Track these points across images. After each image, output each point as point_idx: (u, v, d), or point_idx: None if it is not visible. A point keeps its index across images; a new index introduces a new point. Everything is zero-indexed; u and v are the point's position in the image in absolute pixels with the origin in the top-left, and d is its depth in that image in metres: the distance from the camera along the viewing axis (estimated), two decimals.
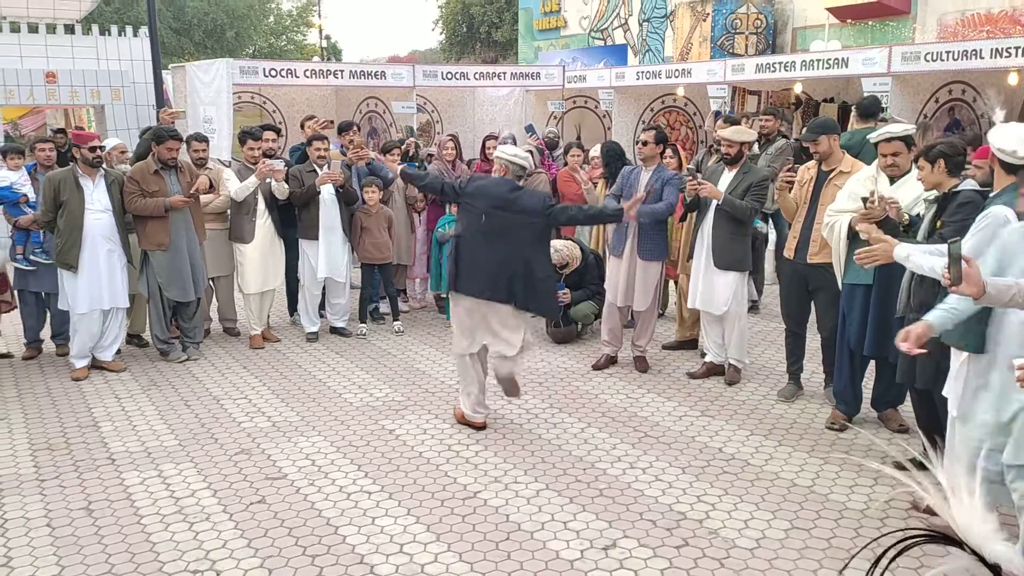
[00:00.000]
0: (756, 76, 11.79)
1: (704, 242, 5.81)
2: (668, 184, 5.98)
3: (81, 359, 6.16)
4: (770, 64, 11.72)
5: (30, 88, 12.44)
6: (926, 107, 10.47)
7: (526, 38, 28.05)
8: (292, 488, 4.32)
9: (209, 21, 32.59)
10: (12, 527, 3.93)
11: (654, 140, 6.05)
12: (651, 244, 6.05)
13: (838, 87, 12.76)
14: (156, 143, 6.32)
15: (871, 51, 10.47)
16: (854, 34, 17.42)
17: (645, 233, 6.02)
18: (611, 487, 4.32)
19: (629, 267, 6.11)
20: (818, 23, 17.89)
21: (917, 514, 3.94)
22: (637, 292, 6.13)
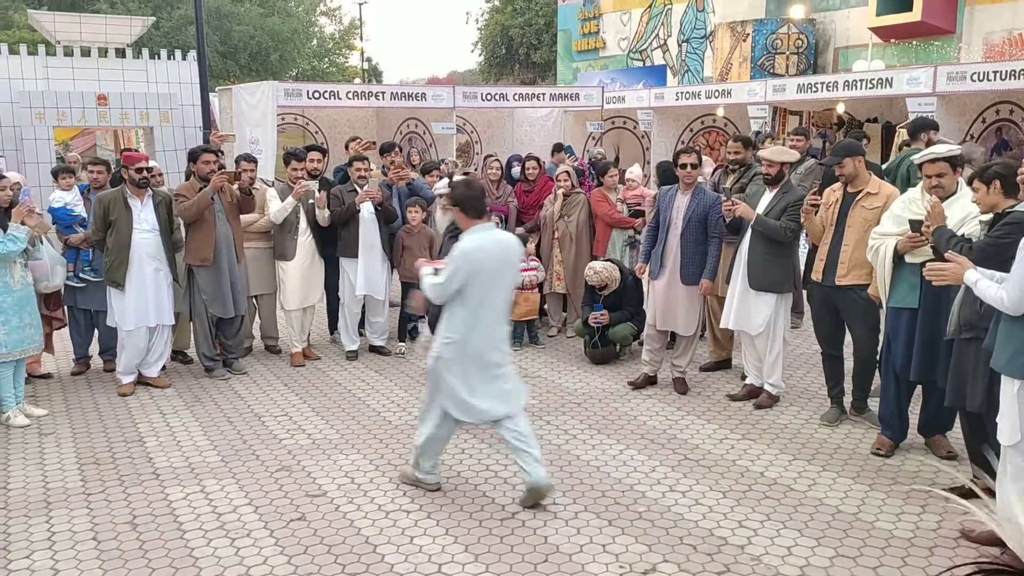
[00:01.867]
0: (797, 96, 11.72)
1: (741, 263, 5.76)
2: (712, 210, 5.89)
3: (128, 375, 6.29)
4: (812, 84, 11.64)
5: (82, 110, 12.85)
6: (972, 127, 10.30)
7: (565, 59, 28.21)
8: (332, 506, 4.35)
9: (254, 44, 33.32)
10: (59, 540, 4.01)
11: (699, 162, 6.03)
12: (694, 267, 6.01)
13: (882, 107, 12.62)
14: (191, 161, 6.59)
15: (916, 71, 10.35)
16: (898, 54, 17.23)
17: (688, 257, 5.99)
18: (650, 510, 4.28)
19: (670, 291, 6.07)
20: (861, 43, 17.74)
21: (967, 543, 3.84)
22: (680, 316, 6.08)
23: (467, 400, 4.24)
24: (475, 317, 4.16)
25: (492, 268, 4.14)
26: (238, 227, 6.71)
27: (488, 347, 4.23)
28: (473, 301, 4.13)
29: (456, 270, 4.10)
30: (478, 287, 4.12)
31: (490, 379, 4.27)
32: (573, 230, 7.67)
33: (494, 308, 4.21)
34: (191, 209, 6.32)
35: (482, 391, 4.26)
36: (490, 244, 4.16)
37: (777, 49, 19.03)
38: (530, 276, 7.33)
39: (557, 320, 8.07)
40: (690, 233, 5.97)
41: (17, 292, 5.56)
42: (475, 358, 4.22)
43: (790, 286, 5.68)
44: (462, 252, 4.10)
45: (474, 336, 4.18)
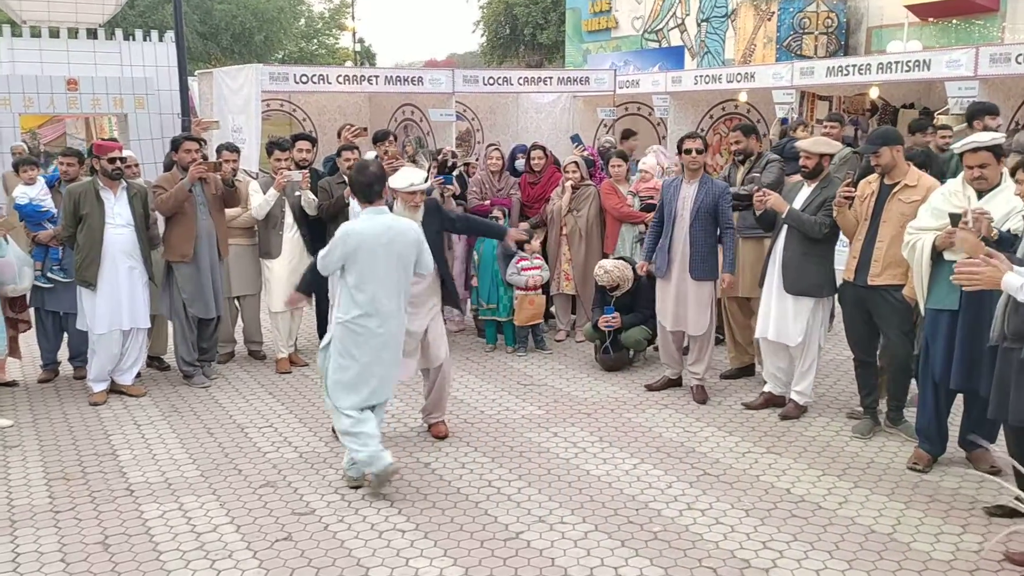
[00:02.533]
0: (827, 80, 11.70)
1: (775, 265, 5.75)
2: (722, 199, 5.98)
3: (99, 383, 6.30)
4: (843, 67, 11.62)
5: (51, 96, 12.88)
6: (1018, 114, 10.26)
7: (574, 40, 28.21)
8: (320, 524, 4.36)
9: (237, 24, 33.39)
10: (25, 561, 4.01)
11: (704, 147, 6.06)
12: (704, 263, 6.03)
13: (919, 92, 12.59)
14: (173, 150, 6.65)
15: (956, 52, 10.32)
16: (936, 34, 17.20)
17: (697, 251, 6.01)
18: (667, 530, 4.27)
19: (679, 288, 6.10)
20: (896, 22, 17.70)
21: (1012, 566, 3.83)
22: (691, 315, 6.11)
23: (354, 381, 4.65)
24: (355, 298, 4.60)
25: (370, 250, 4.57)
26: (222, 221, 6.73)
27: (375, 328, 4.63)
28: (351, 281, 4.61)
29: (332, 247, 4.64)
30: (356, 269, 4.59)
31: (379, 361, 4.68)
32: (583, 225, 7.67)
33: (379, 290, 4.61)
34: (168, 202, 6.34)
35: (370, 372, 4.67)
36: (374, 228, 4.60)
37: (805, 29, 19.00)
38: (534, 276, 7.32)
39: (565, 323, 8.06)
40: (699, 225, 5.99)
41: None
42: (362, 338, 4.62)
43: (830, 289, 5.64)
44: (341, 232, 4.63)
45: (359, 316, 4.61)
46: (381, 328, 4.67)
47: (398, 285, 4.72)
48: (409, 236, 4.73)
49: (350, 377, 4.68)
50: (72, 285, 6.38)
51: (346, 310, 4.65)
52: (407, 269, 4.76)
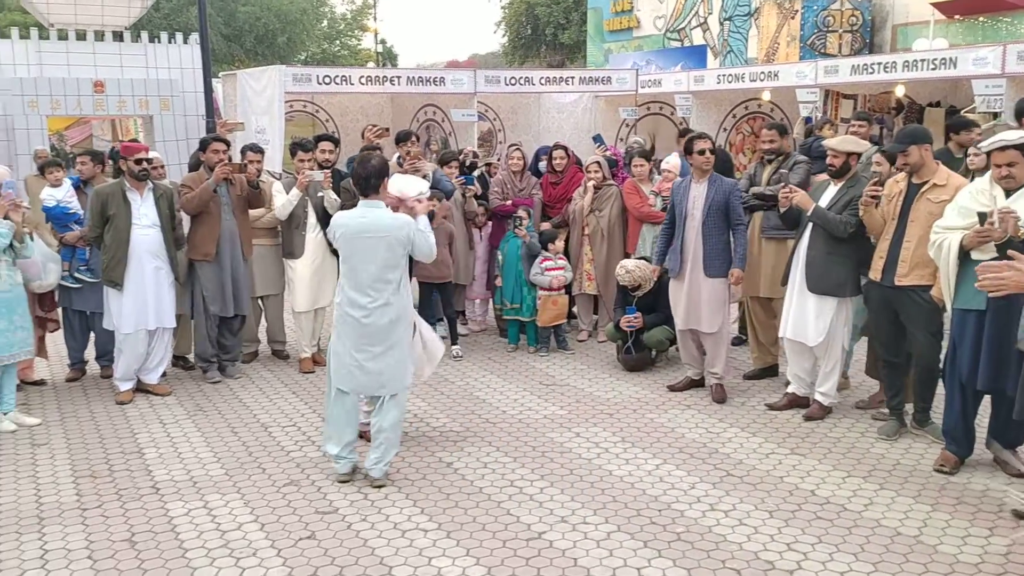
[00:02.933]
0: (852, 78, 11.61)
1: (799, 264, 5.71)
2: (732, 196, 6.02)
3: (126, 382, 6.37)
4: (868, 65, 11.53)
5: (77, 98, 13.03)
6: None
7: (595, 40, 28.17)
8: (344, 523, 4.38)
9: (260, 26, 33.62)
10: (53, 558, 4.06)
11: (711, 149, 6.07)
12: (717, 260, 6.04)
13: (945, 90, 12.47)
14: (201, 151, 6.74)
15: (983, 50, 10.21)
16: (963, 31, 17.03)
17: (710, 249, 6.03)
18: (690, 531, 4.26)
19: (692, 286, 6.11)
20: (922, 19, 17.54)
21: None
22: (704, 313, 6.11)
23: (348, 367, 4.79)
24: (343, 285, 4.79)
25: (356, 242, 4.72)
26: (246, 222, 6.79)
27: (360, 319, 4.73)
28: (342, 269, 4.81)
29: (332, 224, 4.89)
30: (345, 259, 4.78)
31: (365, 352, 4.77)
32: (605, 225, 7.65)
33: (363, 283, 4.73)
34: (193, 201, 6.41)
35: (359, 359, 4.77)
36: (362, 221, 4.74)
37: (829, 27, 18.87)
38: (558, 276, 7.32)
39: (587, 323, 8.06)
40: (711, 223, 6.01)
41: (4, 293, 5.64)
42: (348, 326, 4.77)
43: (853, 289, 5.60)
44: (331, 223, 4.91)
45: (345, 304, 4.77)
46: (367, 319, 4.73)
47: (385, 280, 4.72)
48: (400, 233, 4.73)
49: (337, 362, 4.84)
50: (99, 285, 6.46)
51: (338, 294, 4.88)
52: (396, 265, 4.75)
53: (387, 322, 4.76)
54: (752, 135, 14.07)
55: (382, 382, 4.81)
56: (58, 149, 16.96)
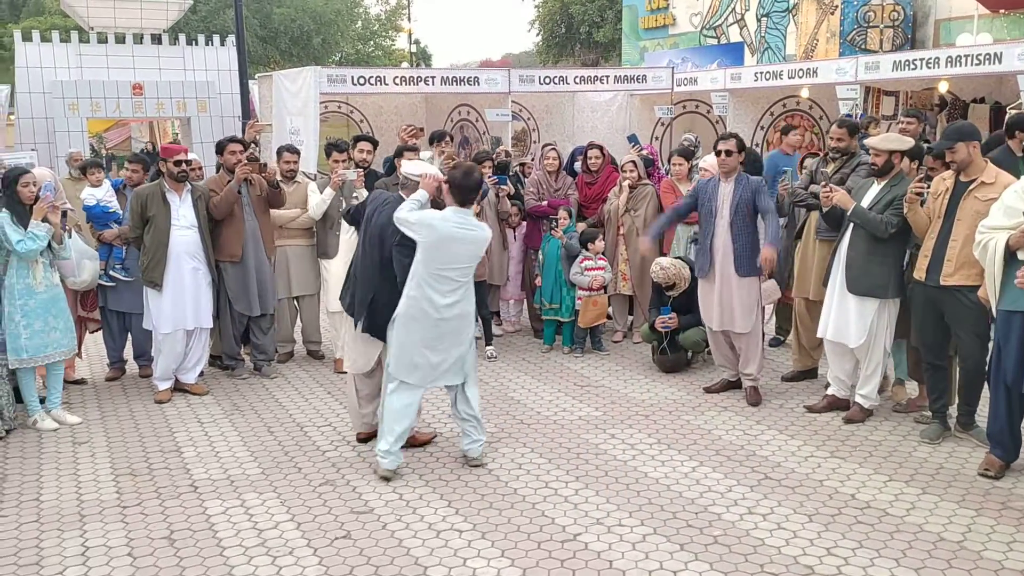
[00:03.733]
0: (893, 75, 11.45)
1: (839, 264, 5.65)
2: (758, 193, 5.98)
3: (164, 381, 6.47)
4: (910, 61, 11.36)
5: (116, 100, 13.27)
6: None
7: (630, 38, 28.06)
8: (379, 524, 4.41)
9: (296, 28, 33.97)
10: (94, 555, 4.14)
11: (736, 149, 6.04)
12: (748, 258, 6.00)
13: (990, 86, 12.26)
14: (219, 153, 6.84)
15: None
16: (1008, 26, 16.71)
17: (741, 248, 5.99)
18: (727, 534, 4.23)
19: (723, 285, 6.08)
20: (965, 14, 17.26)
21: None
22: (737, 312, 6.07)
23: (415, 362, 4.89)
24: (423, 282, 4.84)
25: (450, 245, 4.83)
26: (267, 222, 6.88)
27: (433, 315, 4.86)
28: (424, 269, 4.84)
29: (422, 220, 4.83)
30: (433, 257, 4.83)
31: (437, 346, 4.91)
32: (640, 225, 7.62)
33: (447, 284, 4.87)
34: (221, 205, 6.50)
35: (429, 355, 4.90)
36: (459, 226, 4.86)
37: (870, 22, 18.62)
38: (597, 277, 7.31)
39: (622, 324, 8.03)
40: (739, 223, 5.98)
41: (41, 294, 5.75)
42: (427, 321, 4.85)
43: (896, 291, 5.52)
44: (428, 221, 4.83)
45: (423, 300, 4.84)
46: (445, 317, 4.89)
47: (463, 282, 4.96)
48: (484, 242, 5.03)
49: (401, 354, 4.91)
50: (134, 285, 6.58)
51: (412, 288, 4.88)
52: (473, 268, 5.04)
53: (461, 319, 4.97)
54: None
55: (456, 372, 5.01)
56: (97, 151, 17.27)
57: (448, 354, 4.96)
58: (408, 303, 4.90)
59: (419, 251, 4.85)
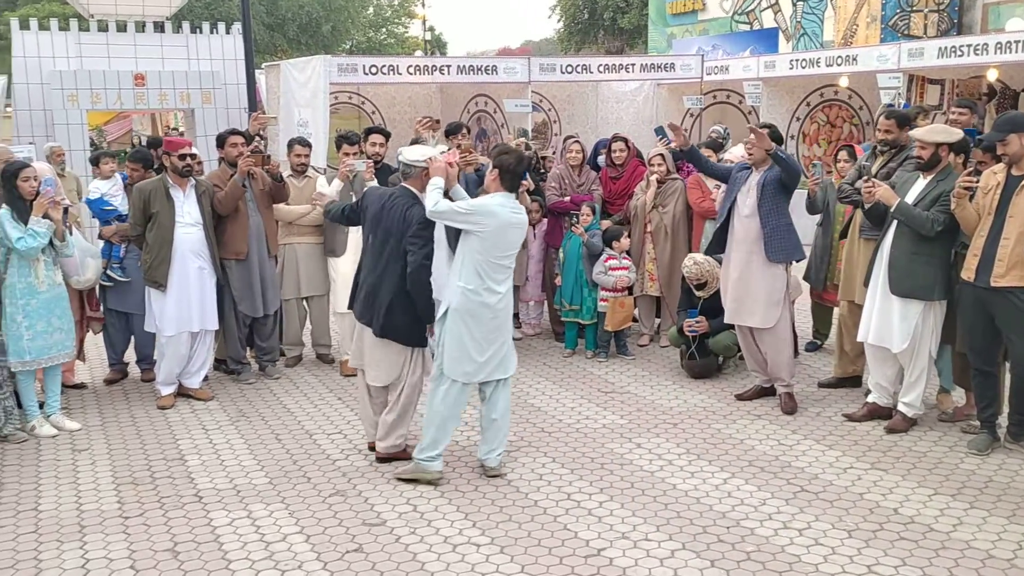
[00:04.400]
0: (938, 62, 11.35)
1: (882, 263, 5.61)
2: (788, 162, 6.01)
3: (167, 386, 6.52)
4: (956, 47, 11.25)
5: (118, 91, 13.35)
6: None
7: (657, 24, 28.00)
8: (392, 536, 4.43)
9: (304, 15, 34.14)
10: (94, 568, 4.18)
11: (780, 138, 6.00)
12: (780, 241, 5.95)
13: None
14: (219, 146, 6.90)
15: None
16: None
17: (771, 229, 5.94)
18: (760, 550, 4.22)
19: (747, 272, 6.05)
20: None
21: None
22: (759, 305, 6.03)
23: (471, 357, 4.94)
24: (482, 272, 4.90)
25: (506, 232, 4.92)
26: (270, 217, 6.94)
27: (494, 304, 4.95)
28: (482, 258, 4.90)
29: (479, 209, 4.88)
30: (492, 246, 4.89)
31: (491, 340, 4.99)
32: (668, 222, 7.61)
33: (506, 271, 5.01)
34: (226, 200, 6.54)
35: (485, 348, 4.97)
36: (514, 212, 4.97)
37: (913, 6, 18.47)
38: (622, 277, 7.30)
39: (649, 327, 8.02)
40: (767, 204, 5.94)
41: (43, 294, 5.82)
42: (486, 314, 4.93)
43: (942, 292, 5.48)
44: (485, 208, 4.91)
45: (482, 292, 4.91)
46: (500, 306, 5.00)
47: (513, 269, 5.12)
48: (526, 224, 5.18)
49: (458, 352, 4.96)
50: (134, 285, 6.65)
51: (465, 282, 4.93)
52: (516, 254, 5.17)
53: (508, 310, 5.11)
54: (828, 124, 13.84)
55: (504, 366, 5.09)
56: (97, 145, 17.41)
57: (500, 347, 5.05)
58: (463, 297, 4.92)
59: (474, 241, 4.89)
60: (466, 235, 4.95)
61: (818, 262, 7.12)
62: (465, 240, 4.95)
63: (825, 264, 7.05)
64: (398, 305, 5.09)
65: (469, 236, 4.92)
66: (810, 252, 7.22)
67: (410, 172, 5.19)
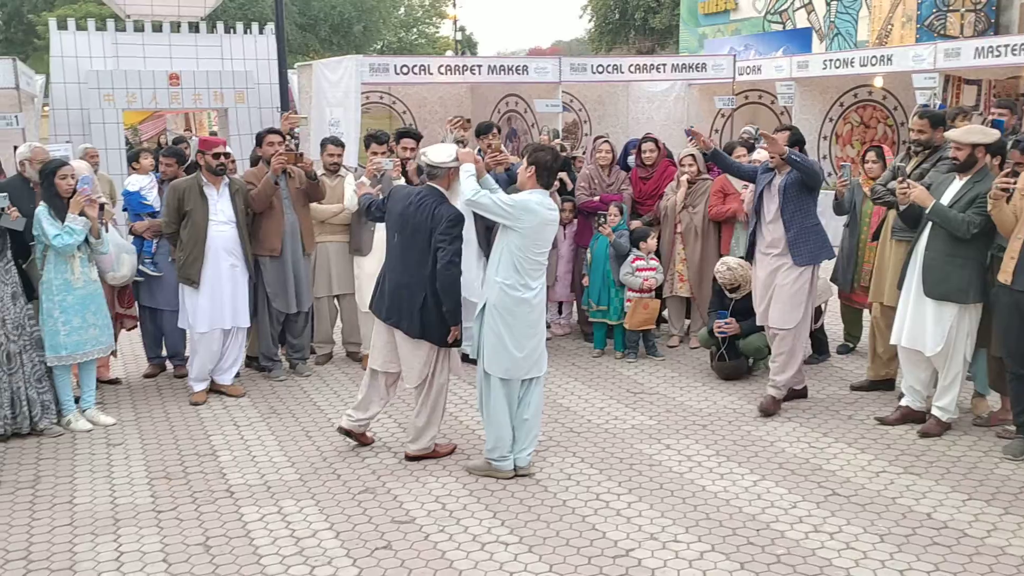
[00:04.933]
0: (975, 62, 11.21)
1: (916, 266, 5.55)
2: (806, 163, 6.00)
3: (200, 382, 6.60)
4: (994, 47, 11.11)
5: (153, 91, 13.51)
6: None
7: (689, 24, 27.88)
8: (420, 534, 4.45)
9: (336, 15, 34.35)
10: (128, 560, 4.24)
11: (787, 143, 6.00)
12: (804, 244, 5.91)
13: None
14: (257, 145, 7.00)
15: None
16: None
17: (796, 232, 5.90)
18: (791, 553, 4.19)
19: (770, 272, 6.04)
20: None
21: None
22: (780, 305, 6.00)
23: (511, 354, 4.95)
24: (522, 269, 4.93)
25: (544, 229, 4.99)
26: (306, 216, 7.00)
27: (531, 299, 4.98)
28: (521, 253, 4.92)
29: (521, 205, 4.89)
30: (532, 241, 4.93)
31: (528, 335, 5.02)
32: (699, 223, 7.58)
33: (541, 267, 5.04)
34: (259, 197, 6.62)
35: (523, 345, 4.98)
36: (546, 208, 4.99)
37: (949, 6, 18.26)
38: (649, 278, 7.28)
39: (679, 328, 7.99)
40: (790, 206, 5.90)
41: (79, 290, 5.91)
42: (527, 309, 4.97)
43: (977, 295, 5.41)
44: (524, 205, 4.91)
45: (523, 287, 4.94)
46: (536, 300, 5.04)
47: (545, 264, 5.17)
48: (558, 221, 5.23)
49: (500, 350, 4.99)
50: (167, 281, 6.75)
51: (503, 278, 4.96)
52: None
53: (543, 304, 5.18)
54: (861, 125, 13.72)
55: (540, 364, 5.12)
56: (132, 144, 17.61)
57: (538, 344, 5.08)
58: (501, 293, 4.95)
59: (514, 237, 4.91)
60: (504, 231, 4.96)
61: (845, 264, 7.06)
62: (503, 236, 4.97)
63: (852, 266, 6.99)
64: (431, 304, 5.10)
65: (508, 232, 4.93)
66: (837, 253, 7.16)
67: (437, 173, 5.20)
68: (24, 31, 35.55)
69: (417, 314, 5.12)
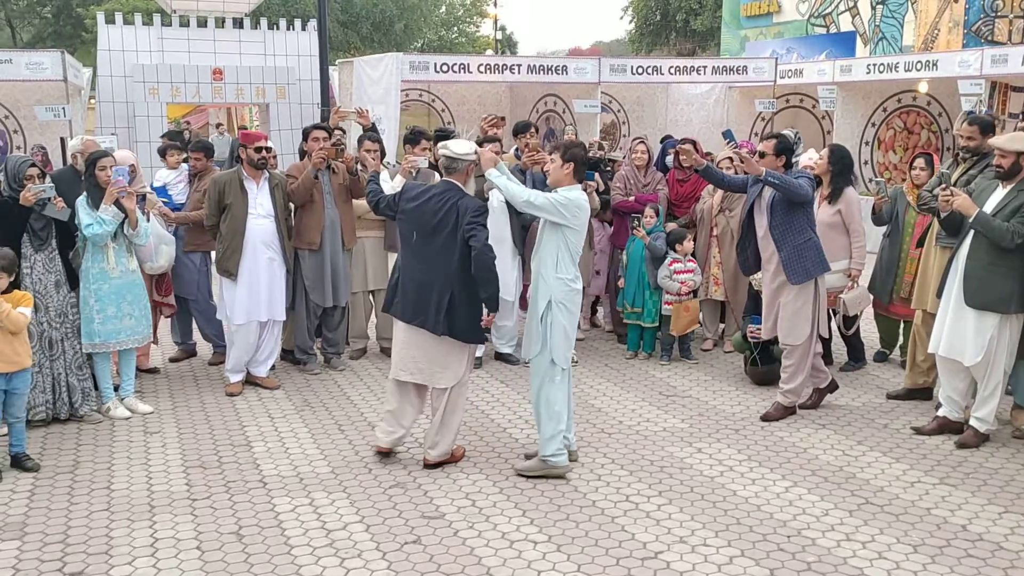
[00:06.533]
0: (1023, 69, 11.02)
1: (956, 274, 5.47)
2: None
3: (236, 373, 6.68)
4: None
5: (196, 85, 13.72)
6: None
7: (731, 26, 27.69)
8: (450, 530, 4.47)
9: (378, 13, 34.56)
10: (162, 547, 4.31)
11: (774, 151, 5.95)
12: (798, 263, 5.85)
13: None
14: (304, 140, 7.07)
15: None
16: None
17: (789, 252, 5.83)
18: (822, 561, 4.15)
19: (773, 290, 6.01)
20: None
21: None
22: (785, 318, 5.95)
23: (572, 344, 5.16)
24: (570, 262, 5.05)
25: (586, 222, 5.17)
26: (348, 211, 7.04)
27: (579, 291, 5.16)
28: (574, 248, 5.06)
29: (574, 203, 4.97)
30: (580, 236, 5.07)
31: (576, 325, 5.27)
32: (735, 226, 7.51)
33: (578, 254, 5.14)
34: (299, 191, 6.69)
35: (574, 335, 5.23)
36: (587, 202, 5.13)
37: (998, 11, 17.96)
38: (687, 281, 7.24)
39: (713, 332, 7.94)
40: (781, 225, 5.84)
41: (116, 280, 6.00)
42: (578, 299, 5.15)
43: (1019, 305, 5.31)
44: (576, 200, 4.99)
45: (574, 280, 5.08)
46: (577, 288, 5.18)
47: None
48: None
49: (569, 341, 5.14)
50: (188, 272, 6.96)
51: (565, 270, 5.07)
52: None
53: None
54: (904, 131, 13.55)
55: None
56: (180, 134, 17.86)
57: None
58: (565, 287, 5.04)
59: (570, 234, 5.00)
60: (555, 229, 5.00)
61: (884, 274, 6.96)
62: (555, 234, 5.01)
63: (892, 276, 6.89)
64: (458, 301, 5.04)
65: (562, 230, 4.98)
66: (875, 262, 7.08)
67: (456, 167, 5.16)
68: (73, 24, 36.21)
69: (444, 311, 5.02)
